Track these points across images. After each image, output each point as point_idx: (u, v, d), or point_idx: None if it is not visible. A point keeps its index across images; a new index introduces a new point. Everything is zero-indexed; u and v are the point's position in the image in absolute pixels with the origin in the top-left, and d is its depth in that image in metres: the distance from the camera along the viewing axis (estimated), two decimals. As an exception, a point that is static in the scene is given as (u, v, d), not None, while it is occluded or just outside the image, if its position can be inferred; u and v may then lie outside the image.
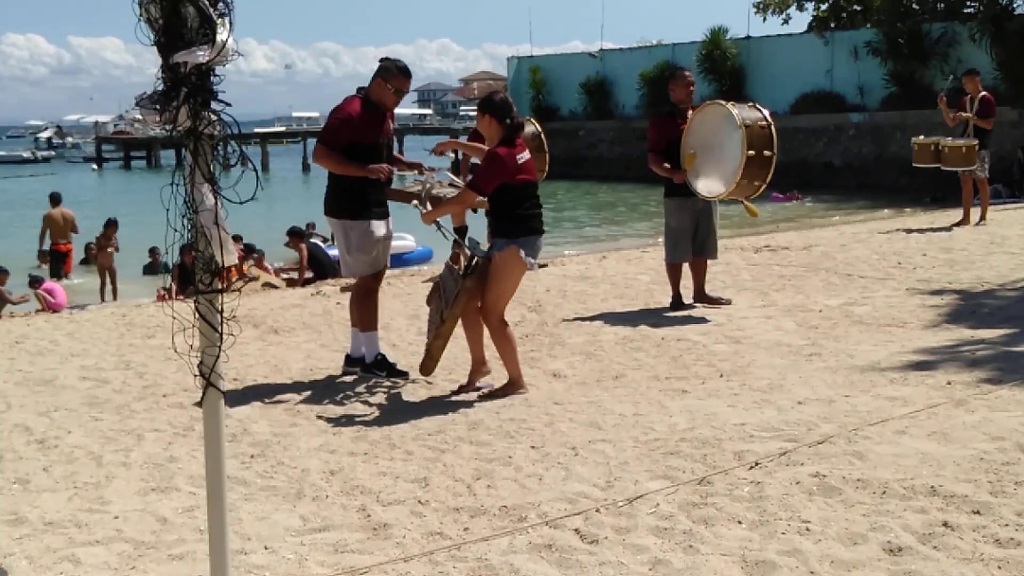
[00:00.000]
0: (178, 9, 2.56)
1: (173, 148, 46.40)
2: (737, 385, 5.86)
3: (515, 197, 5.80)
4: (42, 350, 7.60)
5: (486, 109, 5.87)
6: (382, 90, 6.30)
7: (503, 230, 5.84)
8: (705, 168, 7.93)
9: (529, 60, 40.31)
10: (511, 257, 5.77)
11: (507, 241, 5.79)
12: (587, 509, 3.98)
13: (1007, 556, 3.42)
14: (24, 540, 3.95)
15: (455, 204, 6.16)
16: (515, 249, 5.76)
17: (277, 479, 4.58)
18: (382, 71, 6.31)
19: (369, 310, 6.44)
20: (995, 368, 5.85)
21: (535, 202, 5.93)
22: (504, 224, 5.84)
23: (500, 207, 5.84)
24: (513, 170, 5.75)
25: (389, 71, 6.30)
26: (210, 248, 2.76)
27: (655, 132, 8.34)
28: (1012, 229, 12.49)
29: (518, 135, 5.84)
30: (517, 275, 5.88)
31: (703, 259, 8.45)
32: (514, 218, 5.82)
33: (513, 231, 5.81)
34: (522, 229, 5.81)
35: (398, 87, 6.31)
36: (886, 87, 29.35)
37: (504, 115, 5.81)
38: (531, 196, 5.89)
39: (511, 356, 5.91)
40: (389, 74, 6.29)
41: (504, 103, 5.87)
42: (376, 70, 6.36)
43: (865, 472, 4.19)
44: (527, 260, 5.79)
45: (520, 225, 5.81)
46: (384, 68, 6.33)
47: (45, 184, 36.20)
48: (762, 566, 3.43)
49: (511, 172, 5.74)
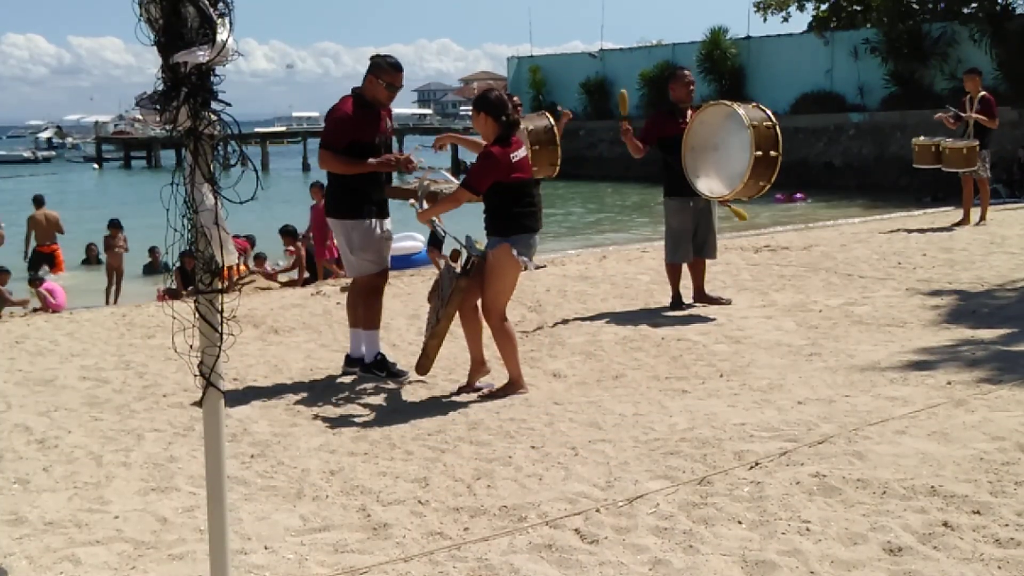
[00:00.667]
0: (178, 9, 2.56)
1: (173, 148, 46.40)
2: (737, 385, 5.86)
3: (510, 196, 5.79)
4: (42, 350, 7.60)
5: (481, 107, 5.87)
6: (375, 87, 6.26)
7: (496, 228, 5.83)
8: (707, 168, 7.90)
9: (529, 60, 40.35)
10: (503, 255, 5.76)
11: (499, 239, 5.79)
12: (587, 509, 3.98)
13: (1007, 556, 3.42)
14: (24, 540, 3.95)
15: (449, 203, 6.13)
16: (507, 247, 5.75)
17: (277, 479, 4.58)
18: (373, 67, 6.28)
19: (372, 309, 6.44)
20: (995, 368, 5.85)
21: (531, 200, 5.91)
22: (497, 222, 5.83)
23: (494, 205, 5.82)
24: (507, 168, 5.73)
25: (380, 67, 6.27)
26: (210, 248, 2.76)
27: (649, 125, 8.40)
28: (1012, 229, 12.49)
29: (513, 132, 5.84)
30: (512, 273, 5.87)
31: (702, 259, 8.46)
32: (508, 216, 5.80)
33: (506, 229, 5.79)
34: (515, 227, 5.80)
35: (390, 82, 6.27)
36: (886, 87, 29.37)
37: (499, 112, 5.80)
38: (527, 194, 5.88)
39: (512, 355, 5.91)
40: (380, 70, 6.26)
41: (499, 100, 5.85)
42: (368, 67, 6.32)
43: (865, 472, 4.19)
44: (520, 259, 5.78)
45: (513, 223, 5.80)
46: (375, 64, 6.29)
47: (47, 184, 36.26)
48: (762, 566, 3.43)
49: (505, 170, 5.73)
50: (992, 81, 23.94)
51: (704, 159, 7.90)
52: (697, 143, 7.92)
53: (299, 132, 67.29)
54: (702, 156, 7.90)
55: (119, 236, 15.93)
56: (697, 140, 7.92)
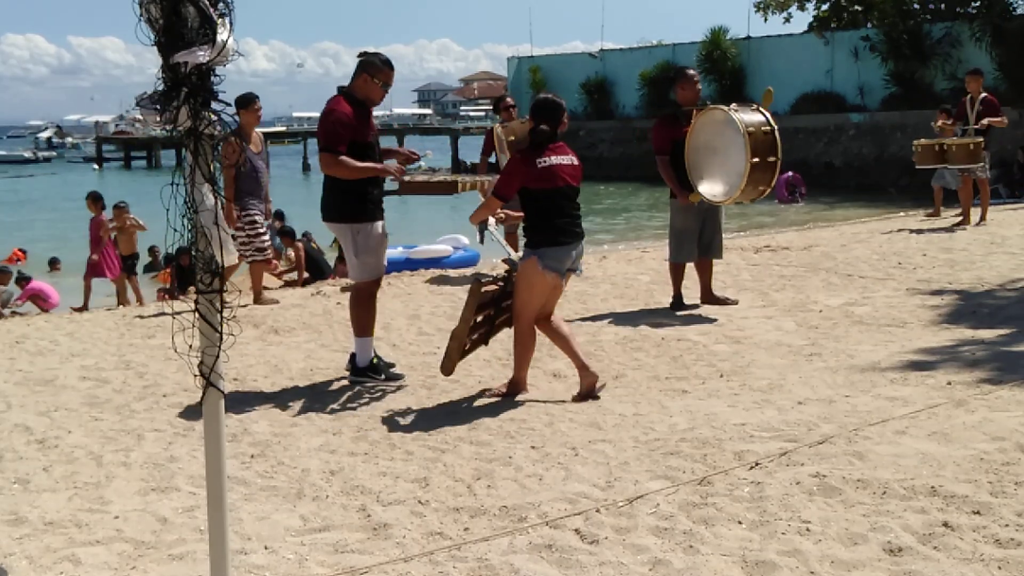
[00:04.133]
0: (178, 9, 2.56)
1: (173, 148, 46.40)
2: (737, 385, 5.86)
3: (539, 204, 5.68)
4: (42, 350, 7.60)
5: (531, 110, 5.82)
6: (369, 86, 6.17)
7: (528, 240, 5.77)
8: (709, 171, 7.87)
9: (529, 60, 40.33)
10: (529, 268, 5.69)
11: (530, 252, 5.73)
12: (587, 509, 3.98)
13: (1007, 556, 3.42)
14: (24, 540, 3.95)
15: (484, 209, 6.05)
16: (534, 260, 5.67)
17: (277, 479, 4.58)
18: (367, 66, 6.18)
19: (369, 315, 6.33)
20: (995, 368, 5.85)
21: (563, 211, 5.72)
22: (529, 233, 5.77)
23: (527, 215, 5.76)
24: (530, 175, 5.64)
25: (374, 65, 6.18)
26: (210, 248, 2.76)
27: (659, 134, 8.27)
28: (1012, 229, 12.49)
29: (545, 140, 5.72)
30: (537, 286, 5.73)
31: (709, 259, 8.43)
32: (539, 228, 5.72)
33: (535, 241, 5.72)
34: (545, 240, 5.69)
35: (384, 81, 6.20)
36: (886, 87, 29.38)
37: (537, 119, 5.73)
38: (558, 205, 5.71)
39: (523, 360, 5.87)
40: (375, 68, 6.17)
41: (540, 106, 5.76)
42: (358, 66, 6.22)
43: (865, 472, 4.20)
44: (547, 272, 5.67)
45: (543, 236, 5.70)
46: (368, 63, 6.19)
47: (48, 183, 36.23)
48: (762, 566, 3.43)
49: (526, 177, 5.65)
50: (992, 81, 23.95)
51: (706, 161, 7.87)
52: (699, 145, 7.90)
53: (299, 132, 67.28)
54: (704, 158, 7.88)
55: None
56: (699, 141, 7.90)
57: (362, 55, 6.29)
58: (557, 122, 5.78)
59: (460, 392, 6.03)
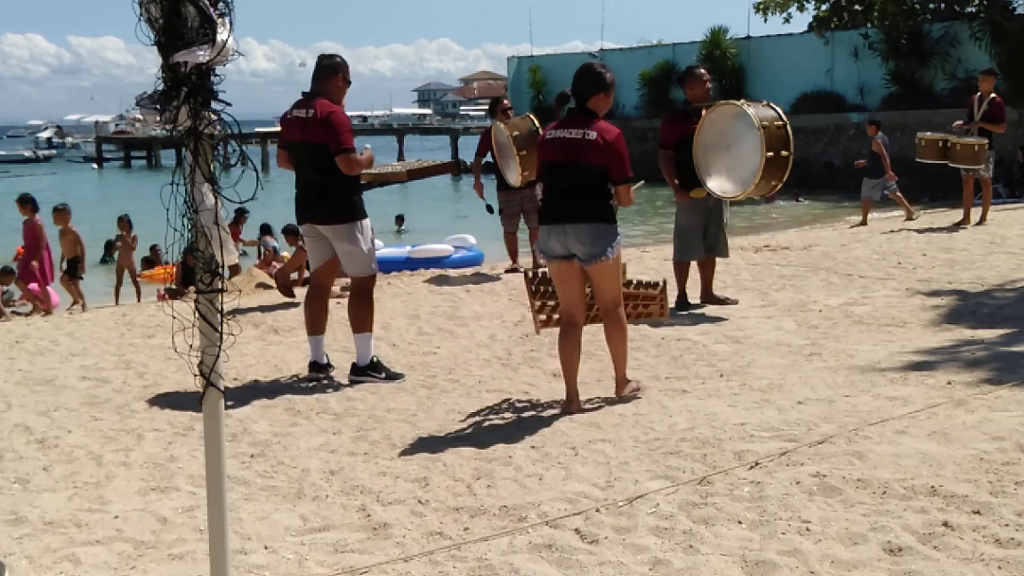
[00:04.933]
0: (178, 9, 2.56)
1: (173, 148, 46.35)
2: (737, 385, 5.86)
3: (543, 178, 5.67)
4: (42, 350, 7.60)
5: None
6: (343, 88, 6.36)
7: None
8: (718, 167, 7.83)
9: (529, 60, 40.29)
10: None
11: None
12: (587, 509, 3.98)
13: (1007, 556, 3.41)
14: (24, 540, 3.95)
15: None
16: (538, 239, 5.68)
17: (277, 479, 4.58)
18: (340, 68, 6.33)
19: (371, 311, 6.44)
20: (995, 368, 5.85)
21: (550, 188, 5.54)
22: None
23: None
24: (539, 149, 5.67)
25: (345, 67, 6.37)
26: (210, 248, 2.76)
27: (667, 128, 8.28)
28: (1012, 229, 12.49)
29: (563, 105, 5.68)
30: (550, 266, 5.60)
31: (713, 259, 8.42)
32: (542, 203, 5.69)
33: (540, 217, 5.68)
34: (541, 216, 5.64)
35: (349, 81, 6.41)
36: (886, 87, 29.36)
37: (573, 88, 5.65)
38: (547, 181, 5.59)
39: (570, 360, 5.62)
40: (346, 69, 6.36)
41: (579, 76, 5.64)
42: (331, 68, 6.31)
43: (865, 472, 4.19)
44: (540, 254, 5.67)
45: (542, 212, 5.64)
46: (340, 65, 6.34)
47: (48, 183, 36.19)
48: (762, 566, 3.43)
49: (538, 151, 5.68)
50: (992, 81, 23.91)
51: (715, 158, 7.82)
52: (708, 141, 7.84)
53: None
54: (713, 155, 7.82)
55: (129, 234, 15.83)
56: (708, 138, 7.84)
57: (328, 58, 6.40)
58: (580, 90, 5.57)
59: (460, 392, 6.03)
